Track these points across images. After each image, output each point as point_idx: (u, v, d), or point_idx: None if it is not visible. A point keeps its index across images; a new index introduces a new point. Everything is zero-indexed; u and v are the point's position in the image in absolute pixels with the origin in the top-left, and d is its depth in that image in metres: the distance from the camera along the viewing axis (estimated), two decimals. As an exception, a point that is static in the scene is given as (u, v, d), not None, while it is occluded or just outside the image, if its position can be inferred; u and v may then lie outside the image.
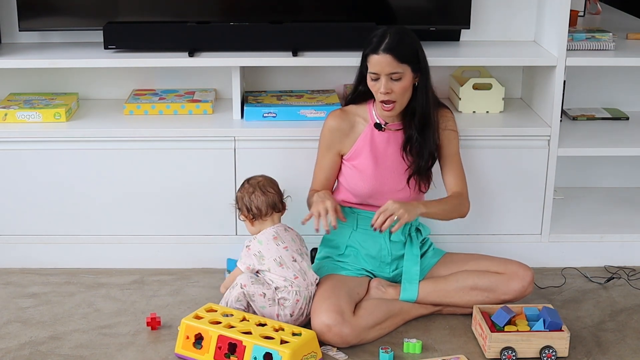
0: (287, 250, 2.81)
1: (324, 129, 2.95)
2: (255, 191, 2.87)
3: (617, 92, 3.71)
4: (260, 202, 2.86)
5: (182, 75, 3.53)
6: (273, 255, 2.80)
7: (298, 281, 2.78)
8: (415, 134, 2.87)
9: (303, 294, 2.78)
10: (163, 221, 3.25)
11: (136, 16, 3.31)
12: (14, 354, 2.71)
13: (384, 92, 2.79)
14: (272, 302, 2.77)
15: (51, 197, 3.21)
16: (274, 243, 2.82)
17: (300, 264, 2.81)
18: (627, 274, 3.28)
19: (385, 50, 2.75)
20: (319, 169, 2.98)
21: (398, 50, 2.76)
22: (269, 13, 3.32)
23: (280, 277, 2.78)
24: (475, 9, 3.42)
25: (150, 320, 2.85)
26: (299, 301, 2.77)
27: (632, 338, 2.84)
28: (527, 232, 3.32)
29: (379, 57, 2.76)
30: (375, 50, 2.77)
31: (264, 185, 2.89)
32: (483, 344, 2.72)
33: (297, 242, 2.86)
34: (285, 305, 2.77)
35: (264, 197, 2.86)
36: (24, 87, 3.50)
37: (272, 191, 2.89)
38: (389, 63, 2.76)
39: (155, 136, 3.17)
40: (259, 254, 2.82)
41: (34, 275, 3.23)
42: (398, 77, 2.78)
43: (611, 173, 3.75)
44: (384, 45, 2.76)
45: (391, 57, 2.75)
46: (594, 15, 4.00)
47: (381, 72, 2.77)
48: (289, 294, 2.77)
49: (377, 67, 2.77)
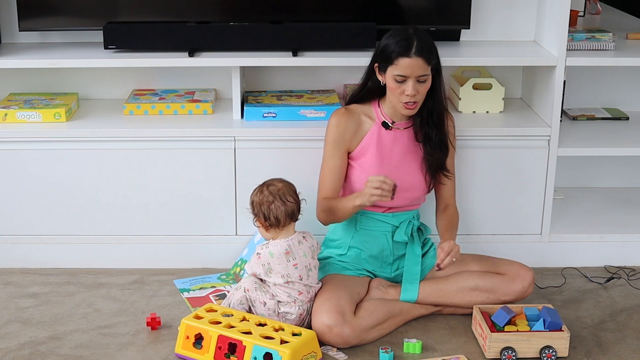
0: (296, 268, 2.76)
1: (330, 128, 2.91)
2: (275, 201, 2.76)
3: (617, 92, 3.71)
4: (280, 213, 2.76)
5: (182, 75, 3.53)
6: (281, 272, 2.75)
7: (302, 297, 2.77)
8: (434, 129, 2.89)
9: (306, 307, 2.78)
10: (163, 221, 3.25)
11: (136, 16, 3.31)
12: (14, 354, 2.71)
13: (412, 94, 2.78)
14: (272, 313, 2.75)
15: (51, 197, 3.21)
16: (285, 259, 2.75)
17: (307, 281, 2.78)
18: (627, 274, 3.28)
19: (417, 54, 2.74)
20: (329, 172, 2.92)
21: (428, 53, 2.77)
22: (268, 13, 3.32)
23: (284, 293, 2.76)
24: (475, 9, 3.42)
25: (150, 320, 2.85)
26: (302, 314, 2.77)
27: (632, 338, 2.84)
28: (527, 232, 3.32)
29: (411, 60, 2.75)
30: (407, 53, 2.74)
31: (284, 194, 2.78)
32: (483, 344, 2.72)
33: (308, 257, 2.80)
34: (287, 318, 2.76)
35: (284, 207, 2.76)
36: (24, 87, 3.50)
37: (292, 200, 2.78)
38: (420, 66, 2.75)
39: (155, 136, 3.17)
40: (267, 266, 2.76)
41: (34, 275, 3.23)
42: (424, 79, 2.78)
43: (611, 173, 3.75)
44: (415, 48, 2.74)
45: (422, 60, 2.75)
46: (594, 15, 4.00)
47: (411, 75, 2.76)
48: (291, 308, 2.76)
49: (407, 70, 2.75)
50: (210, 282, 3.17)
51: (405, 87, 2.78)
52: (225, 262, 3.25)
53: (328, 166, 2.91)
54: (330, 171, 2.91)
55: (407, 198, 2.93)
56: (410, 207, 2.97)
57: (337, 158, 2.90)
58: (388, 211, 2.95)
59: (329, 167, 2.91)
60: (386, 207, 2.94)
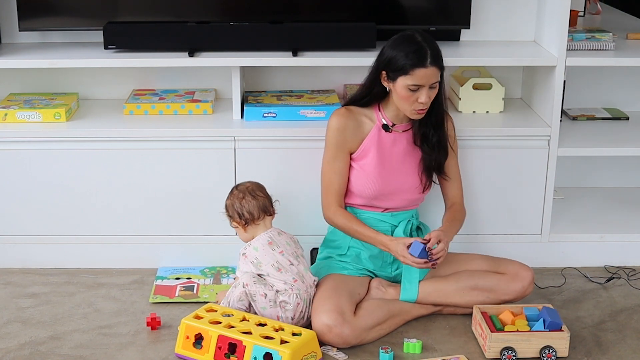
0: (283, 254, 2.80)
1: (330, 129, 2.89)
2: (246, 196, 2.86)
3: (617, 92, 3.71)
4: (251, 207, 2.85)
5: (182, 75, 3.53)
6: (270, 261, 2.79)
7: (297, 284, 2.78)
8: (432, 130, 2.88)
9: (303, 296, 2.78)
10: (163, 221, 3.25)
11: (136, 16, 3.31)
12: (14, 354, 2.71)
13: (426, 102, 2.77)
14: (273, 304, 2.76)
15: (51, 197, 3.21)
16: (270, 249, 2.81)
17: (298, 267, 2.80)
18: (627, 274, 3.28)
19: (432, 63, 2.74)
20: (334, 175, 2.90)
21: (441, 60, 2.77)
22: (269, 13, 3.32)
23: (280, 281, 2.77)
24: (475, 9, 3.42)
25: (150, 320, 2.85)
26: (299, 304, 2.77)
27: (632, 338, 2.84)
28: (527, 232, 3.32)
29: (427, 70, 2.73)
30: (423, 64, 2.73)
31: (253, 189, 2.88)
32: (483, 344, 2.72)
33: (292, 245, 2.85)
34: (286, 308, 2.76)
35: (255, 202, 2.85)
36: (24, 87, 3.50)
37: (262, 194, 2.88)
38: (435, 74, 2.76)
39: (155, 136, 3.17)
40: (256, 261, 2.80)
41: (34, 275, 3.23)
42: (436, 85, 2.79)
43: (611, 173, 3.75)
44: (430, 57, 2.73)
45: (437, 69, 2.76)
46: (594, 15, 4.00)
47: (426, 84, 2.75)
48: (289, 297, 2.76)
49: (422, 80, 2.74)
50: (190, 273, 3.20)
51: (418, 95, 2.76)
52: (225, 262, 3.25)
53: (332, 169, 2.90)
54: (336, 173, 2.90)
55: (405, 199, 2.94)
56: (408, 207, 2.98)
57: (340, 160, 2.90)
58: (386, 211, 2.95)
59: (333, 169, 2.90)
60: (384, 207, 2.94)
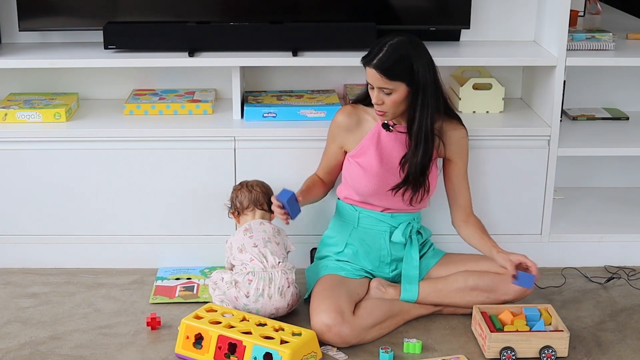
0: (251, 239, 2.92)
1: (332, 121, 2.97)
2: (242, 188, 3.06)
3: (617, 92, 3.71)
4: (243, 197, 3.04)
5: (182, 75, 3.53)
6: (237, 244, 2.93)
7: (253, 263, 2.86)
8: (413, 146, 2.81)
9: (260, 274, 2.83)
10: (163, 221, 3.25)
11: (136, 16, 3.31)
12: (14, 354, 2.71)
13: (375, 102, 2.79)
14: (230, 285, 2.84)
15: (51, 197, 3.21)
16: (242, 234, 2.95)
17: (261, 250, 2.88)
18: (627, 274, 3.28)
19: (374, 67, 2.72)
20: (324, 156, 3.04)
21: (387, 69, 2.70)
22: (269, 13, 3.32)
23: (239, 262, 2.89)
24: (475, 9, 3.41)
25: (150, 320, 2.85)
26: (251, 281, 2.81)
27: (632, 338, 2.84)
28: (527, 232, 3.32)
29: (369, 71, 2.75)
30: (368, 63, 2.74)
31: (252, 185, 3.06)
32: (483, 344, 2.72)
33: (268, 233, 2.94)
34: (239, 287, 2.82)
35: (249, 194, 3.03)
36: (24, 87, 3.50)
37: (258, 190, 3.04)
38: (377, 78, 2.73)
39: (155, 136, 3.17)
40: (229, 245, 2.96)
41: (34, 275, 3.23)
42: (389, 92, 2.75)
43: (611, 173, 3.75)
44: (376, 60, 2.71)
45: (378, 74, 2.72)
46: (594, 15, 4.00)
47: (373, 84, 2.76)
48: (240, 275, 2.84)
49: (369, 78, 2.77)
50: (190, 273, 3.21)
51: (372, 94, 2.79)
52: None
53: (325, 151, 3.04)
54: (325, 156, 3.04)
55: (401, 200, 2.92)
56: (408, 210, 2.97)
57: (331, 149, 3.01)
58: (386, 211, 2.95)
59: (325, 152, 3.04)
60: (381, 206, 2.94)
